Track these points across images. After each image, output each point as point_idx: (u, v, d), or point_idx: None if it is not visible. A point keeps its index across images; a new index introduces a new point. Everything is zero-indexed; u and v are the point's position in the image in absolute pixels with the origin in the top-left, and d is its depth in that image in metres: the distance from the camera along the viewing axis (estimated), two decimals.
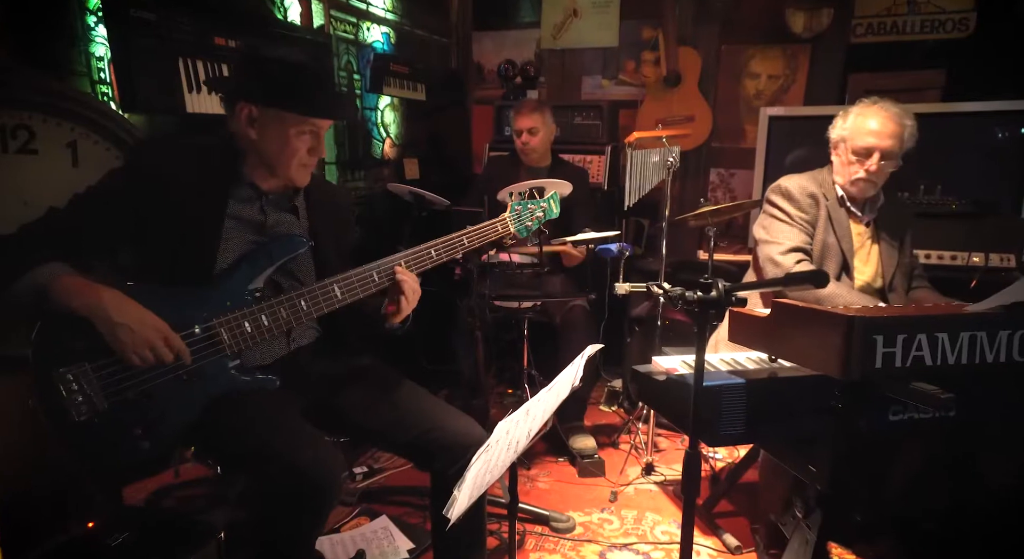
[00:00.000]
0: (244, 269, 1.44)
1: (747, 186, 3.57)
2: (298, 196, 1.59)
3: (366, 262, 1.53)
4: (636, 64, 3.70)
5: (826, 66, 3.29)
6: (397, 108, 3.47)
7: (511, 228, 1.77)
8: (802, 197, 2.04)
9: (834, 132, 2.07)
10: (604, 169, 3.47)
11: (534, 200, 1.84)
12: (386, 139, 3.39)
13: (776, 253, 2.04)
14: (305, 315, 1.44)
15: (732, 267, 3.25)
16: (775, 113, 3.26)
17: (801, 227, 2.05)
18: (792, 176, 2.12)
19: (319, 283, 1.46)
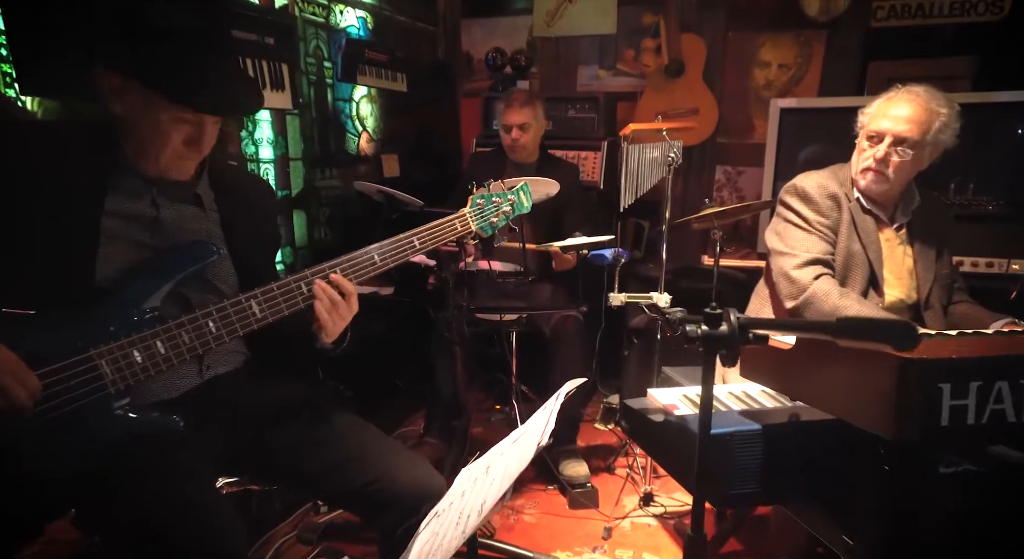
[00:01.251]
0: (133, 283, 1.16)
1: (756, 185, 3.28)
2: (200, 182, 1.30)
3: None
4: (636, 53, 3.41)
5: (843, 53, 3.00)
6: (375, 100, 3.19)
7: (472, 225, 1.48)
8: (821, 198, 1.76)
9: (858, 122, 1.80)
10: (600, 166, 3.18)
11: (499, 192, 1.56)
12: (362, 133, 3.11)
13: (791, 267, 1.76)
14: (215, 339, 1.16)
15: (740, 274, 2.96)
16: (787, 105, 2.97)
17: (821, 234, 1.77)
18: (809, 174, 1.85)
19: (232, 299, 1.18)
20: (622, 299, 2.36)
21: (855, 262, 1.77)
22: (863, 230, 1.77)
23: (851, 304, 1.66)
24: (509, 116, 2.60)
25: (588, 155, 3.20)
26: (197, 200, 1.29)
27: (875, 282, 1.76)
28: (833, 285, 1.71)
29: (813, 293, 1.71)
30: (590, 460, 2.72)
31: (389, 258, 1.35)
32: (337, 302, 1.24)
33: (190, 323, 1.14)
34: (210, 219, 1.31)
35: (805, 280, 1.74)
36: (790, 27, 3.08)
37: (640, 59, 3.28)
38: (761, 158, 3.21)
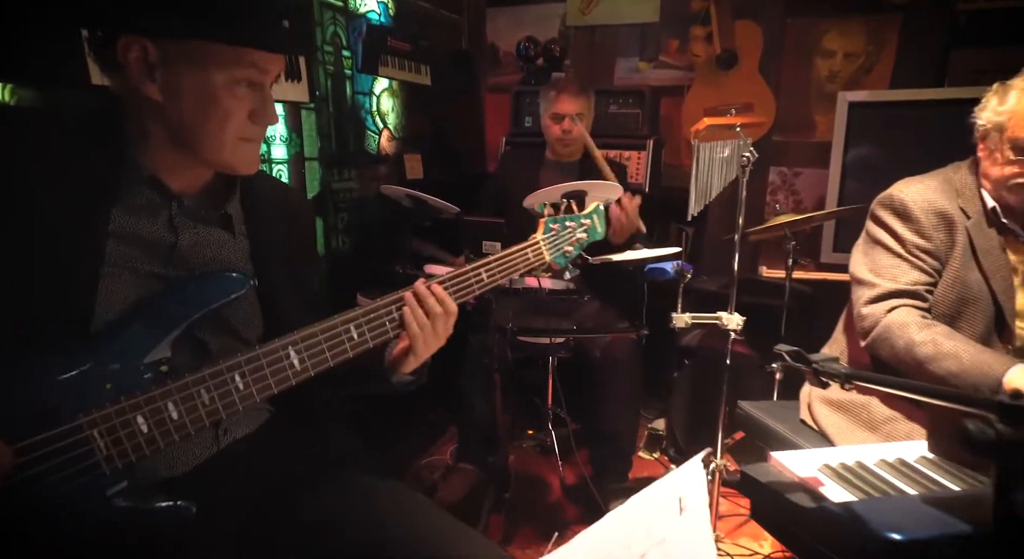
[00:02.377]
0: (140, 328, 0.87)
1: (815, 188, 2.98)
2: (232, 199, 1.02)
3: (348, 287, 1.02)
4: (681, 42, 3.11)
5: (921, 40, 2.69)
6: (396, 94, 2.89)
7: (545, 255, 1.23)
8: (924, 215, 1.43)
9: (983, 116, 1.45)
10: (645, 167, 2.88)
11: (572, 216, 1.29)
12: (383, 130, 2.82)
13: (864, 301, 1.45)
14: (242, 399, 0.88)
15: (805, 287, 2.66)
16: (857, 99, 2.67)
17: (916, 260, 1.44)
18: (912, 181, 1.51)
19: (266, 346, 0.89)
20: (687, 320, 2.05)
21: (972, 295, 1.42)
22: (986, 253, 1.42)
23: (934, 339, 1.33)
24: (561, 104, 2.29)
25: (631, 155, 2.90)
26: (226, 222, 1.01)
27: (1000, 321, 1.41)
28: (913, 316, 1.39)
29: (886, 326, 1.40)
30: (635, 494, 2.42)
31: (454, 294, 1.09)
32: (437, 314, 1.01)
33: (212, 378, 0.85)
34: (239, 246, 1.02)
35: (876, 315, 1.43)
36: (859, 12, 2.77)
37: (688, 49, 2.98)
38: (820, 158, 2.91)
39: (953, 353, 1.31)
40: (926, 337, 1.35)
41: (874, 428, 1.52)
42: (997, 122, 1.40)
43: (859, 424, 1.56)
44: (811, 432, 1.69)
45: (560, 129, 2.31)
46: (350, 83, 2.56)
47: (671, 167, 3.24)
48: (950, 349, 1.32)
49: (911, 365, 1.37)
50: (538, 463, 2.73)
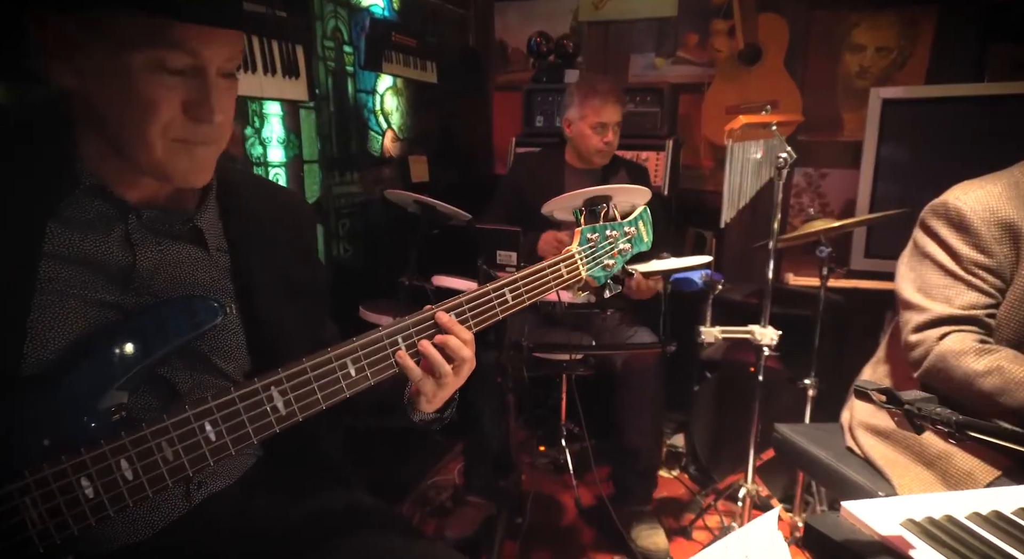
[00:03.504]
0: (87, 368, 0.72)
1: (843, 190, 2.82)
2: (204, 209, 0.86)
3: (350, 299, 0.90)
4: (701, 37, 2.95)
5: (958, 33, 2.53)
6: (401, 92, 2.74)
7: (581, 271, 1.08)
8: (986, 227, 1.24)
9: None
10: (664, 169, 2.72)
11: (614, 223, 1.14)
12: (387, 131, 2.67)
13: (912, 327, 1.28)
14: (214, 452, 0.72)
15: (837, 296, 2.50)
16: (891, 95, 2.50)
17: (974, 280, 1.26)
18: (971, 186, 1.30)
19: (243, 387, 0.74)
20: (716, 334, 1.91)
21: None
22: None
23: (999, 366, 1.17)
24: (607, 112, 2.11)
25: (649, 156, 2.74)
26: (197, 236, 0.85)
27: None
28: (969, 341, 1.22)
29: (939, 356, 1.23)
30: (658, 517, 2.27)
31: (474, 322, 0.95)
32: (444, 372, 0.86)
33: (176, 429, 0.70)
34: (216, 264, 0.86)
35: (926, 344, 1.26)
36: (891, 3, 2.61)
37: (709, 44, 2.82)
38: (849, 158, 2.76)
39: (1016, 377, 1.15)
40: (989, 365, 1.18)
41: (929, 463, 1.36)
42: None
43: (911, 457, 1.40)
44: (858, 461, 1.53)
45: (603, 141, 2.14)
46: (352, 81, 2.41)
47: (689, 169, 3.08)
48: (1022, 376, 1.15)
49: (975, 400, 1.21)
50: (551, 482, 2.58)
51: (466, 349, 0.86)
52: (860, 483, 1.45)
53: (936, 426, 0.74)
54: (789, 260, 2.90)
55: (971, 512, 0.93)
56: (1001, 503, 0.95)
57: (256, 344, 0.87)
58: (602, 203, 1.25)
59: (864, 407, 1.58)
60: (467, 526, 2.06)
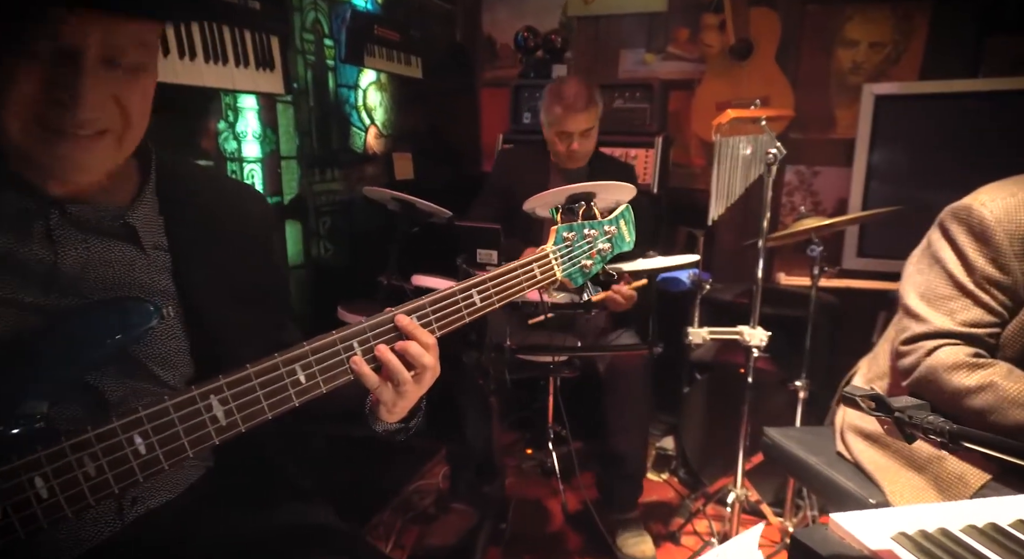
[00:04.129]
0: (3, 375, 0.66)
1: (835, 188, 2.77)
2: (138, 203, 0.80)
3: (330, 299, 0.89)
4: (691, 32, 2.90)
5: (953, 28, 2.48)
6: (385, 87, 2.68)
7: (556, 271, 1.02)
8: (1010, 240, 1.13)
9: None
10: (653, 167, 2.67)
11: (593, 221, 1.08)
12: (370, 127, 2.60)
13: (905, 337, 1.21)
14: (144, 466, 0.66)
15: (831, 296, 2.45)
16: (884, 91, 2.46)
17: (983, 296, 1.17)
18: (999, 191, 1.18)
19: (179, 396, 0.68)
20: (704, 336, 1.85)
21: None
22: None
23: (992, 383, 1.10)
24: (570, 121, 2.03)
25: (638, 153, 2.69)
26: (129, 233, 0.78)
27: None
28: (961, 355, 1.15)
29: (929, 369, 1.17)
30: (645, 523, 2.22)
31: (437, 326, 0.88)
32: (403, 380, 0.78)
33: (101, 441, 0.64)
34: (154, 263, 0.80)
35: (916, 354, 1.19)
36: None
37: (699, 39, 2.77)
38: (841, 156, 2.71)
39: (1018, 400, 1.08)
40: (981, 381, 1.11)
41: (920, 468, 1.31)
42: None
43: (901, 462, 1.35)
44: (849, 466, 1.48)
45: (566, 148, 2.07)
46: (333, 75, 2.34)
47: (679, 166, 3.03)
48: (1015, 394, 1.08)
49: (965, 415, 1.14)
50: (538, 486, 2.52)
51: (427, 356, 0.80)
52: (850, 490, 1.40)
53: (928, 435, 0.69)
54: (780, 259, 2.85)
55: (967, 525, 0.87)
56: (998, 515, 0.90)
57: (201, 350, 0.81)
58: (582, 200, 1.20)
59: (853, 410, 1.53)
60: (449, 534, 2.01)
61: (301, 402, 0.75)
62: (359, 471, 2.27)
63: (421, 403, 0.89)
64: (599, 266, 1.09)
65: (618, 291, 1.97)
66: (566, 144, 2.05)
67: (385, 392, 0.79)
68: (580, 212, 1.10)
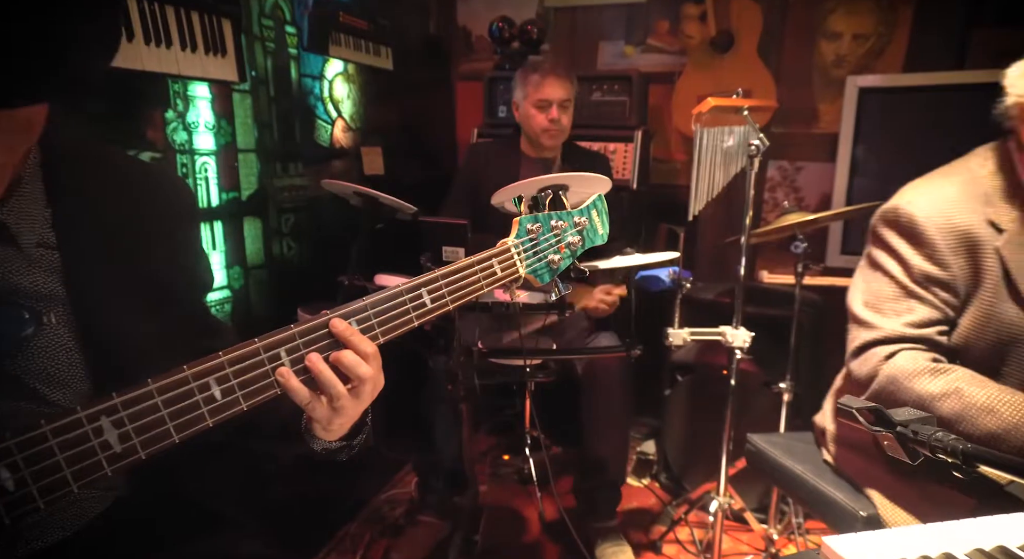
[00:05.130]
0: None
1: (819, 184, 2.70)
2: (13, 196, 0.68)
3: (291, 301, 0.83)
4: (672, 24, 2.82)
5: (938, 19, 2.43)
6: (353, 79, 2.56)
7: (520, 269, 0.92)
8: (941, 235, 1.10)
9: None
10: (632, 161, 2.58)
11: (560, 212, 0.98)
12: (337, 120, 2.48)
13: (856, 345, 1.16)
14: (12, 505, 0.55)
15: (815, 295, 2.38)
16: (868, 84, 2.40)
17: (927, 295, 1.13)
18: (924, 188, 1.17)
19: (62, 418, 0.57)
20: (685, 337, 1.76)
21: (1012, 333, 1.09)
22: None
23: (957, 389, 1.04)
24: (548, 88, 1.97)
25: (617, 148, 2.60)
26: (1, 232, 0.67)
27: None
28: (920, 360, 1.10)
29: (888, 378, 1.10)
30: (625, 530, 2.14)
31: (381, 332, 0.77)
32: (338, 394, 0.68)
33: None
34: (37, 263, 0.68)
35: (871, 363, 1.13)
36: None
37: (680, 30, 2.69)
38: (825, 151, 2.65)
39: (987, 406, 1.01)
40: (945, 388, 1.05)
41: (908, 477, 1.23)
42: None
43: (889, 471, 1.27)
44: (838, 476, 1.40)
45: (547, 119, 1.99)
46: (295, 64, 2.22)
47: (660, 163, 2.95)
48: (982, 401, 1.02)
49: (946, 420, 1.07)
50: (515, 494, 2.42)
51: (364, 366, 0.69)
52: (839, 502, 1.32)
53: (936, 454, 0.60)
54: (764, 258, 2.78)
55: (973, 549, 0.79)
56: (1006, 536, 0.81)
57: (99, 364, 0.70)
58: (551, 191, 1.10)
59: (835, 416, 1.46)
60: (417, 548, 1.90)
61: (216, 422, 0.65)
62: (327, 480, 2.16)
63: (366, 418, 0.79)
64: (568, 261, 0.99)
65: (601, 300, 1.90)
66: (546, 114, 1.96)
67: (318, 408, 0.69)
68: (547, 202, 1.00)
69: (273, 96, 2.10)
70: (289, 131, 2.20)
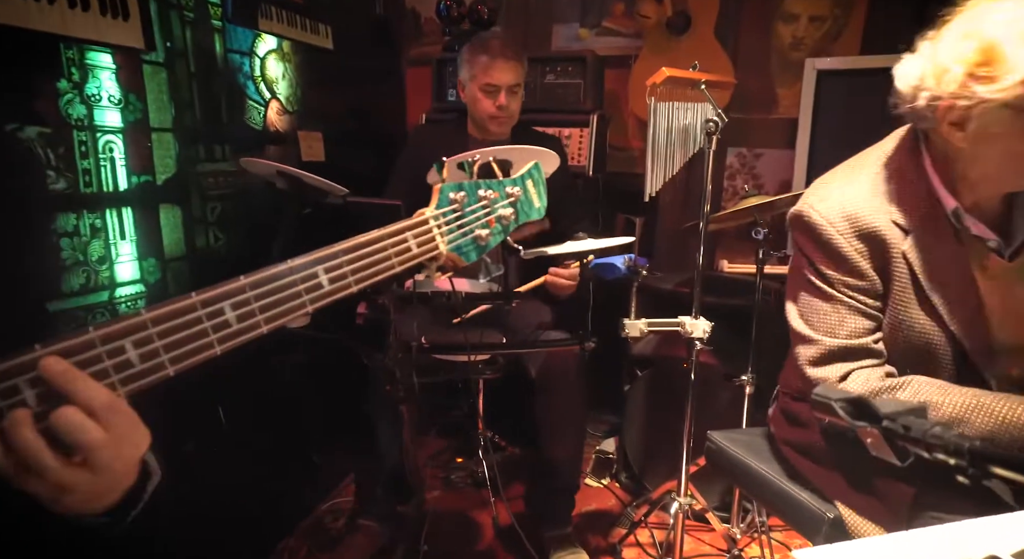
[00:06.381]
0: None
1: (779, 171, 2.64)
2: None
3: None
4: (627, 5, 2.71)
5: (893, 0, 2.38)
6: (289, 58, 2.38)
7: (440, 245, 0.77)
8: (848, 241, 1.03)
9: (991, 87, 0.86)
10: (588, 147, 2.47)
11: (490, 181, 0.85)
12: (270, 101, 2.30)
13: (808, 364, 1.08)
14: None
15: (775, 283, 2.31)
16: (827, 66, 2.33)
17: (852, 303, 1.05)
18: (828, 187, 1.10)
19: None
20: (642, 328, 1.65)
21: (919, 339, 1.03)
22: (935, 277, 1.00)
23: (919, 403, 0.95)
24: (496, 73, 1.82)
25: (572, 133, 2.48)
26: None
27: (965, 368, 1.02)
28: (875, 381, 1.01)
29: None
30: (584, 534, 2.02)
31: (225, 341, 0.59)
32: (46, 469, 0.47)
33: None
34: None
35: (827, 379, 1.06)
36: None
37: (636, 11, 2.58)
38: (783, 137, 2.58)
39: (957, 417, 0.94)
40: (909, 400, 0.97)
41: (858, 475, 1.14)
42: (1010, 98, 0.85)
43: (838, 472, 1.17)
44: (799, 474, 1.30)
45: (495, 105, 1.85)
46: (220, 38, 2.03)
47: (618, 150, 2.84)
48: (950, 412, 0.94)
49: None
50: (468, 499, 2.28)
51: (94, 431, 0.47)
52: (805, 504, 1.22)
53: (934, 454, 0.48)
54: (723, 247, 2.71)
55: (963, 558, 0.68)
56: (993, 542, 0.71)
57: None
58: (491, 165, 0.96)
59: (782, 418, 1.33)
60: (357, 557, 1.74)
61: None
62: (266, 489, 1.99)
63: (146, 482, 0.57)
64: (499, 238, 0.85)
65: (556, 273, 1.75)
66: (493, 99, 1.83)
67: (34, 485, 0.47)
68: (475, 168, 0.87)
69: (194, 71, 1.91)
70: (214, 111, 2.01)
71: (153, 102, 1.75)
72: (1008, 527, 0.75)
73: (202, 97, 1.94)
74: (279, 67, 2.33)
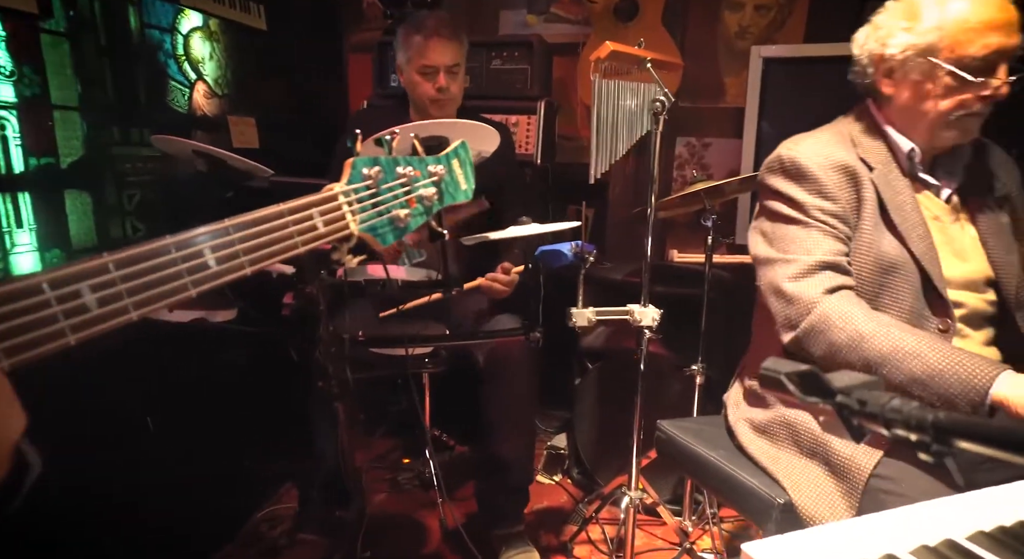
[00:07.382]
0: None
1: (728, 160, 2.63)
2: None
3: None
4: None
5: None
6: (217, 37, 2.22)
7: (351, 224, 0.69)
8: (824, 172, 1.15)
9: (893, 44, 1.11)
10: (536, 134, 2.40)
11: (411, 157, 0.76)
12: (196, 82, 2.14)
13: (786, 280, 1.14)
14: None
15: (724, 273, 2.29)
16: (772, 54, 2.33)
17: (826, 228, 1.15)
18: (801, 138, 1.24)
19: None
20: (590, 317, 1.59)
21: (889, 261, 1.12)
22: (899, 209, 1.13)
23: (888, 332, 1.03)
24: (433, 53, 1.73)
25: (519, 120, 2.41)
26: None
27: (930, 291, 1.12)
28: (855, 304, 1.10)
29: (823, 316, 1.09)
30: (535, 533, 1.96)
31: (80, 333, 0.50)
32: None
33: None
34: None
35: (809, 295, 1.10)
36: None
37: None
38: (732, 127, 2.57)
39: (915, 352, 0.99)
40: (877, 329, 1.04)
41: (810, 453, 1.17)
42: (932, 41, 1.06)
43: (792, 450, 1.20)
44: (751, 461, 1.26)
45: (434, 87, 1.76)
46: (135, 11, 1.87)
47: (567, 139, 2.79)
48: (912, 347, 0.99)
49: (854, 365, 1.05)
50: (415, 501, 2.18)
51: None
52: (754, 489, 1.18)
53: (892, 430, 0.42)
54: (673, 237, 2.69)
55: (919, 546, 0.64)
56: (951, 528, 0.66)
57: None
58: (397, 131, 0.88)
59: (741, 398, 1.34)
60: None
61: None
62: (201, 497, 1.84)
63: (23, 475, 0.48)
64: (420, 220, 0.77)
65: (494, 278, 1.68)
66: (432, 81, 1.74)
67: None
68: (393, 143, 0.78)
69: (104, 45, 1.75)
70: (129, 90, 1.85)
71: (54, 76, 1.58)
72: (961, 509, 0.71)
73: (114, 74, 1.78)
74: (205, 47, 2.17)
